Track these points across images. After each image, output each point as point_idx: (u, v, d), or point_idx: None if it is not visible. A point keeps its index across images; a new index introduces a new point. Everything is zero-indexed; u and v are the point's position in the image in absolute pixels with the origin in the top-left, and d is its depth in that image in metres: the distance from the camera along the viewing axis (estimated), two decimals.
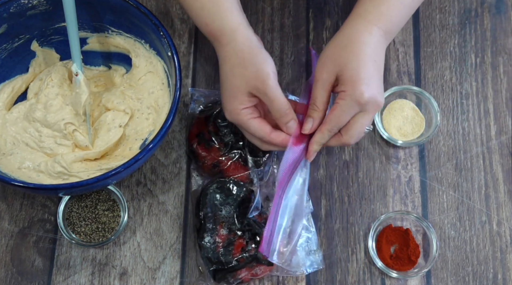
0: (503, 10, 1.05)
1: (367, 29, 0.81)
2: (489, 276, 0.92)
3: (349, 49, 0.80)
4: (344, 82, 0.79)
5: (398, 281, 0.91)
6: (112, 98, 0.92)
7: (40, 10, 0.90)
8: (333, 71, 0.80)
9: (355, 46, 0.80)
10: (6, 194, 0.94)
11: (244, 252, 0.86)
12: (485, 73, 1.02)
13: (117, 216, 0.92)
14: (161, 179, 0.95)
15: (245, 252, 0.86)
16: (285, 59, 1.02)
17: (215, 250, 0.86)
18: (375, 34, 0.81)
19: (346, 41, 0.81)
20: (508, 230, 0.94)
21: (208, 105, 0.95)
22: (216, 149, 0.91)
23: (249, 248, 0.86)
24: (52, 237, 0.92)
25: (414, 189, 0.96)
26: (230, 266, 0.86)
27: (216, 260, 0.86)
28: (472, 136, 0.99)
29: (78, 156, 0.88)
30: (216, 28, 0.82)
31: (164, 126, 0.82)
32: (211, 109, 0.93)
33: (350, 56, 0.80)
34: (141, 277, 0.91)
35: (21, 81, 0.94)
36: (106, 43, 0.95)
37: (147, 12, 0.87)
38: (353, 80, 0.79)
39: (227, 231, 0.87)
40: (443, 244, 0.93)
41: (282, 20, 1.04)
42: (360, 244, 0.93)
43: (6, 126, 0.91)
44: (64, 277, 0.90)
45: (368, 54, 0.80)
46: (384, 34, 0.82)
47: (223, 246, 0.86)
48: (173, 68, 0.85)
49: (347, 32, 0.82)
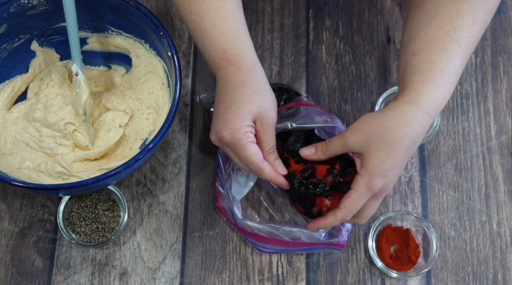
0: (503, 10, 1.05)
1: (416, 118, 0.77)
2: (489, 276, 0.92)
3: (387, 137, 0.77)
4: (364, 165, 0.78)
5: (398, 281, 0.91)
6: (112, 98, 0.92)
7: (40, 10, 0.90)
8: (361, 144, 0.78)
9: (395, 136, 0.77)
10: (6, 194, 0.94)
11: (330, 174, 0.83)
12: (485, 73, 1.02)
13: (117, 216, 0.92)
14: (161, 179, 0.95)
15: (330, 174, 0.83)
16: (285, 59, 1.02)
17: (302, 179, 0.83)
18: (421, 120, 0.77)
19: (389, 126, 0.77)
20: (508, 230, 0.94)
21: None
22: (293, 162, 0.87)
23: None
24: (52, 237, 0.92)
25: (414, 189, 0.96)
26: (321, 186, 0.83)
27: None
28: (472, 136, 0.99)
29: (78, 156, 0.88)
30: (236, 55, 0.81)
31: (164, 126, 0.82)
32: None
33: (383, 145, 0.77)
34: (141, 277, 0.91)
35: (21, 81, 0.94)
36: (106, 43, 0.95)
37: (147, 12, 0.87)
38: (373, 171, 0.77)
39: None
40: (443, 244, 0.93)
41: (282, 20, 1.04)
42: (360, 244, 0.93)
43: (6, 126, 0.91)
44: (64, 277, 0.90)
45: (403, 148, 0.77)
46: (430, 118, 0.78)
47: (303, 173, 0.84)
48: (173, 68, 0.85)
49: (394, 114, 0.78)
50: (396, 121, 0.77)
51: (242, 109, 0.79)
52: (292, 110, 0.90)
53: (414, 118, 0.77)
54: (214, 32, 0.81)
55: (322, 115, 0.88)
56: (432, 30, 0.80)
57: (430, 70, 0.78)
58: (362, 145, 0.78)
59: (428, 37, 0.80)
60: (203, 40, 0.82)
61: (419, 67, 0.79)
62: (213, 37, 0.81)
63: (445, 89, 0.79)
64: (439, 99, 0.79)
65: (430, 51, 0.79)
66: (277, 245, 0.89)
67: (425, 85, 0.78)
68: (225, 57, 0.81)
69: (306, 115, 0.89)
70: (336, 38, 1.03)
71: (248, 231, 0.88)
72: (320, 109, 0.91)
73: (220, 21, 0.81)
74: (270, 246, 0.89)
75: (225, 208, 0.90)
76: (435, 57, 0.79)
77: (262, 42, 1.03)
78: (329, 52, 1.03)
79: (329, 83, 1.01)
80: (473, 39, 0.80)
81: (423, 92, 0.78)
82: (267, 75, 1.00)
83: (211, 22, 0.81)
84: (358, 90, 1.01)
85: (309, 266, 0.92)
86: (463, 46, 0.79)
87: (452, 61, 0.79)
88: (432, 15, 0.81)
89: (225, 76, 0.82)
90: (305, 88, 1.00)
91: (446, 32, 0.79)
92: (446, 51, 0.79)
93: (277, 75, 1.01)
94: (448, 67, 0.79)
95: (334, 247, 0.89)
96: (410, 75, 0.79)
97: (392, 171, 0.78)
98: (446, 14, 0.80)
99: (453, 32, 0.79)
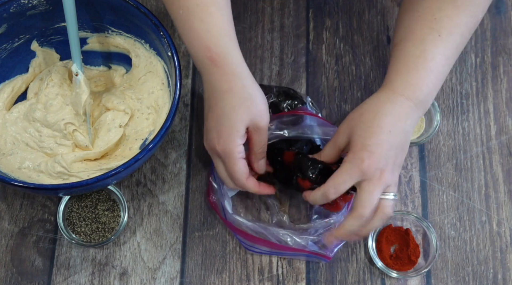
0: (503, 10, 1.05)
1: (390, 99, 0.80)
2: (489, 276, 0.92)
3: (364, 117, 0.79)
4: (351, 147, 0.79)
5: (398, 281, 0.91)
6: (112, 98, 0.92)
7: (40, 10, 0.90)
8: (346, 135, 0.80)
9: (370, 115, 0.79)
10: (6, 194, 0.94)
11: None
12: (485, 73, 1.02)
13: (117, 216, 0.92)
14: (161, 179, 0.95)
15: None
16: (285, 59, 1.02)
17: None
18: (400, 104, 0.80)
19: (365, 109, 0.81)
20: (508, 230, 0.94)
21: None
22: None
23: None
24: (52, 237, 0.92)
25: (414, 189, 0.96)
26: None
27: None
28: (472, 136, 0.99)
29: (78, 156, 0.88)
30: (220, 55, 0.80)
31: (164, 126, 0.82)
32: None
33: (361, 124, 0.79)
34: (141, 277, 0.91)
35: (21, 81, 0.94)
36: (106, 43, 0.95)
37: (147, 12, 0.87)
38: (357, 147, 0.78)
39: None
40: (443, 244, 0.93)
41: (282, 20, 1.04)
42: (360, 244, 0.93)
43: (6, 126, 0.91)
44: (64, 277, 0.90)
45: (381, 125, 0.78)
46: (414, 104, 0.80)
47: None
48: (173, 68, 0.85)
49: (369, 101, 0.82)
50: (370, 103, 0.81)
51: (233, 120, 0.79)
52: (294, 118, 0.90)
53: (387, 99, 0.80)
54: (201, 27, 0.80)
55: (324, 127, 0.89)
56: (413, 22, 0.83)
57: (404, 59, 0.82)
58: (346, 135, 0.80)
59: (409, 29, 0.83)
60: (189, 36, 0.81)
61: (395, 58, 0.83)
62: (199, 32, 0.80)
63: (421, 74, 0.81)
64: (414, 83, 0.81)
65: (408, 42, 0.82)
66: (264, 246, 0.89)
67: (398, 72, 0.81)
68: (209, 56, 0.80)
69: (307, 125, 0.89)
70: (336, 38, 1.03)
71: (237, 227, 0.89)
72: (322, 120, 0.91)
73: (207, 16, 0.80)
74: (257, 246, 0.89)
75: (216, 202, 0.91)
76: (411, 46, 0.82)
77: (262, 42, 1.03)
78: (329, 52, 1.03)
79: (329, 83, 1.01)
80: (459, 30, 0.82)
81: (395, 78, 0.81)
82: (267, 75, 1.01)
83: (199, 17, 0.80)
84: (358, 90, 1.01)
85: (309, 266, 0.92)
86: (444, 35, 0.81)
87: (430, 49, 0.81)
88: (415, 8, 0.84)
89: (210, 80, 0.81)
90: (305, 88, 1.00)
91: (426, 23, 0.82)
92: (424, 41, 0.81)
93: (277, 75, 1.01)
94: (425, 55, 0.81)
95: (320, 257, 0.89)
96: (389, 67, 0.83)
97: (378, 147, 0.77)
98: (429, 7, 0.83)
99: (434, 24, 0.81)
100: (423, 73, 0.81)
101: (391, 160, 0.78)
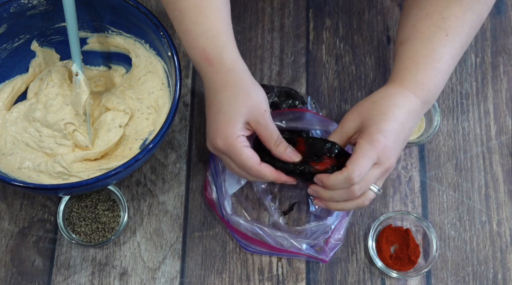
0: (503, 10, 1.05)
1: (401, 93, 0.80)
2: (489, 276, 0.92)
3: (377, 106, 0.79)
4: (363, 131, 0.79)
5: (398, 281, 0.91)
6: (112, 98, 0.92)
7: (40, 10, 0.90)
8: (357, 122, 0.80)
9: (385, 104, 0.79)
10: (6, 194, 0.94)
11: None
12: (485, 73, 1.02)
13: (117, 216, 0.92)
14: (161, 179, 0.95)
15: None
16: (285, 59, 1.02)
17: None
18: (410, 100, 0.80)
19: (377, 98, 0.80)
20: (508, 230, 0.94)
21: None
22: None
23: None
24: (52, 237, 0.92)
25: (414, 189, 0.96)
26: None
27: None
28: (472, 136, 0.99)
29: (78, 156, 0.88)
30: (216, 54, 0.80)
31: (164, 126, 0.82)
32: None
33: (376, 112, 0.79)
34: (141, 277, 0.91)
35: (21, 81, 0.94)
36: (106, 43, 0.95)
37: (147, 12, 0.87)
38: (372, 130, 0.78)
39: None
40: (443, 244, 0.93)
41: (282, 20, 1.04)
42: (360, 244, 0.93)
43: (6, 126, 0.91)
44: (64, 277, 0.90)
45: (395, 115, 0.78)
46: (421, 103, 0.81)
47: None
48: (173, 68, 0.85)
49: (380, 92, 0.82)
50: (382, 94, 0.81)
51: (229, 114, 0.79)
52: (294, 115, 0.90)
53: (398, 92, 0.80)
54: (195, 30, 0.80)
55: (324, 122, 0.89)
56: (420, 20, 0.83)
57: (413, 57, 0.82)
58: (357, 122, 0.80)
59: (416, 27, 0.83)
60: (185, 38, 0.81)
61: (404, 55, 0.83)
62: (194, 35, 0.80)
63: (430, 75, 0.81)
64: (423, 83, 0.81)
65: (416, 40, 0.82)
66: (261, 247, 0.89)
67: (407, 70, 0.82)
68: (204, 57, 0.80)
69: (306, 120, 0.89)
70: (336, 38, 1.03)
71: (234, 227, 0.89)
72: (323, 118, 0.91)
73: (201, 19, 0.79)
74: (253, 246, 0.89)
75: (213, 199, 0.90)
76: (420, 45, 0.82)
77: (262, 42, 1.03)
78: (329, 52, 1.03)
79: (329, 83, 1.01)
80: (465, 29, 0.82)
81: (404, 75, 0.81)
82: (267, 75, 1.01)
83: (193, 20, 0.79)
84: (358, 90, 1.01)
85: (309, 266, 0.92)
86: (451, 35, 0.81)
87: (438, 49, 0.81)
88: (422, 6, 0.84)
89: (207, 79, 0.81)
90: (305, 88, 1.00)
91: (433, 22, 0.82)
92: (432, 40, 0.81)
93: (277, 75, 1.01)
94: (433, 54, 0.81)
95: (316, 260, 0.89)
96: (396, 64, 0.83)
97: (391, 133, 0.78)
98: (436, 5, 0.82)
99: (441, 22, 0.82)
100: (431, 74, 0.81)
101: (397, 151, 0.79)
